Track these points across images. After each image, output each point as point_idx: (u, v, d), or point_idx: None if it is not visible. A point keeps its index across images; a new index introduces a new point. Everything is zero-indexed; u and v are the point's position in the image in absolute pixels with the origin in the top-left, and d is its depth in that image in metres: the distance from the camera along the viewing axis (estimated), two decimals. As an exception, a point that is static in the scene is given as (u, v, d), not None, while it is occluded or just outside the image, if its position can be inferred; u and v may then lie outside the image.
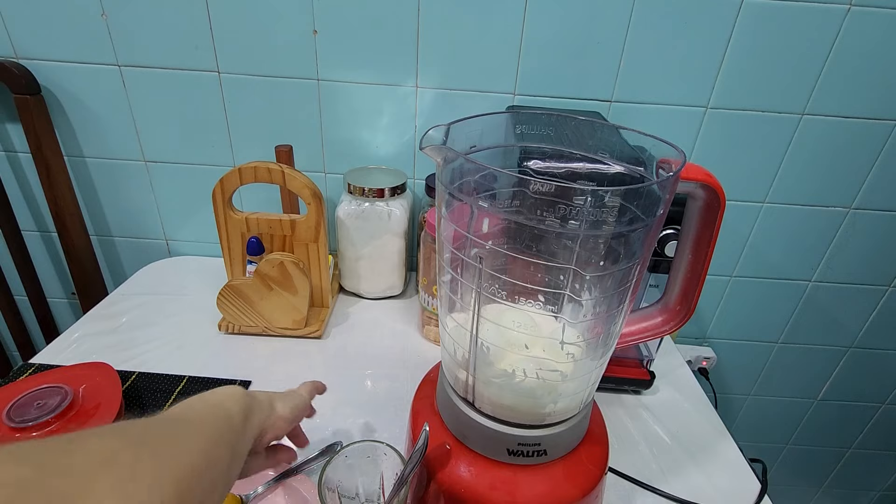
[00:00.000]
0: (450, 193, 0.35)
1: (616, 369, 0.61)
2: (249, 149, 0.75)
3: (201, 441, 0.28)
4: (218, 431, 0.30)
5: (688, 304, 0.41)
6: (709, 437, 0.58)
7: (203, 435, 0.29)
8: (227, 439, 0.31)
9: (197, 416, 0.31)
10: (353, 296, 0.77)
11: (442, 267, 0.39)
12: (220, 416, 0.32)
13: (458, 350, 0.38)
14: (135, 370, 0.59)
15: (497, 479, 0.37)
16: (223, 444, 0.30)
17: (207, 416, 0.31)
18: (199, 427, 0.29)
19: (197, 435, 0.28)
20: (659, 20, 0.65)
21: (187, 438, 0.27)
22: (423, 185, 0.74)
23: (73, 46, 0.68)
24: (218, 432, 0.30)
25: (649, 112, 0.71)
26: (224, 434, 0.31)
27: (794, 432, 1.04)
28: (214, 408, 0.33)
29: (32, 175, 0.75)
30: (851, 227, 0.79)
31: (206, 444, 0.28)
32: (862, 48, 0.66)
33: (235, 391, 0.36)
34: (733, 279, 0.85)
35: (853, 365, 0.93)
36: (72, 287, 0.87)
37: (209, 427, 0.30)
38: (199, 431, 0.29)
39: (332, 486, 0.39)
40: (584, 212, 0.30)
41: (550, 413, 0.37)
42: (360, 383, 0.61)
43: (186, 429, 0.28)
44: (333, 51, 0.68)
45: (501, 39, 0.67)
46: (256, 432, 0.36)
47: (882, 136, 0.72)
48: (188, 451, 0.26)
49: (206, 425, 0.30)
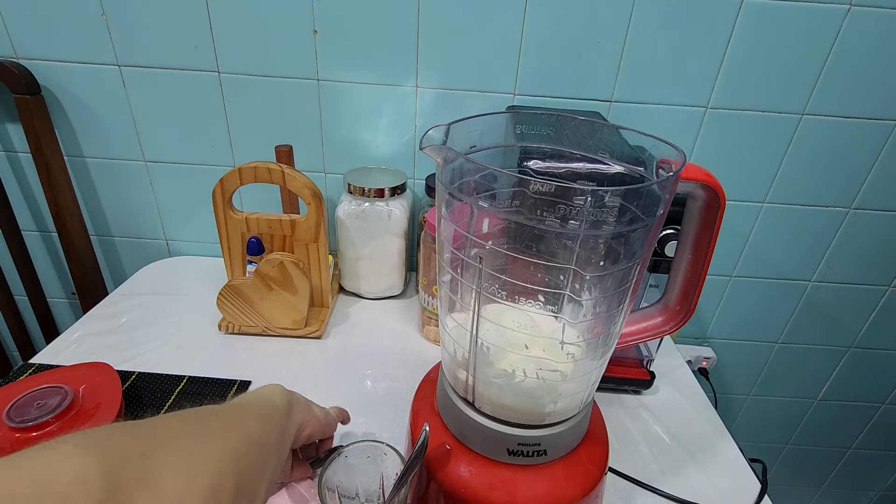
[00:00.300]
0: (450, 193, 0.35)
1: (616, 369, 0.61)
2: (249, 149, 0.75)
3: (254, 418, 0.32)
4: (267, 411, 0.35)
5: (688, 304, 0.41)
6: (709, 437, 0.58)
7: (255, 412, 0.33)
8: (276, 419, 0.35)
9: (247, 400, 0.36)
10: (353, 296, 0.77)
11: (442, 267, 0.39)
12: (267, 402, 0.37)
13: (458, 350, 0.38)
14: (135, 370, 0.59)
15: (497, 479, 0.37)
16: (272, 423, 0.34)
17: (255, 401, 0.36)
18: (251, 408, 0.34)
19: (250, 413, 0.33)
20: (659, 20, 0.65)
21: (242, 416, 0.32)
22: (423, 185, 0.74)
23: (73, 46, 0.68)
24: (267, 411, 0.35)
25: (649, 112, 0.71)
26: (272, 415, 0.35)
27: (794, 432, 1.04)
28: (261, 396, 0.38)
29: (32, 175, 0.75)
30: (851, 227, 0.79)
31: (257, 420, 0.32)
32: (862, 48, 0.66)
33: (277, 386, 0.40)
34: (733, 279, 0.85)
35: (853, 365, 0.93)
36: (72, 287, 0.87)
37: (259, 408, 0.35)
38: (252, 410, 0.34)
39: (332, 486, 0.39)
40: (584, 212, 0.30)
41: (550, 413, 0.37)
42: (360, 383, 0.61)
43: (240, 409, 0.33)
44: (333, 51, 0.68)
45: (501, 39, 0.67)
46: (298, 422, 0.39)
47: (882, 136, 0.72)
48: (244, 424, 0.31)
49: (256, 407, 0.35)
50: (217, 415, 0.31)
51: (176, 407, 0.55)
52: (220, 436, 0.28)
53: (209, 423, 0.29)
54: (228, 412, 0.32)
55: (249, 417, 0.32)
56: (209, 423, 0.29)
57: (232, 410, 0.33)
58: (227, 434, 0.28)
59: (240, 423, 0.31)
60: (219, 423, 0.30)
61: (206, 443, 0.26)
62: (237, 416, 0.32)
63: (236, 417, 0.32)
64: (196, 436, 0.27)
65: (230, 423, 0.30)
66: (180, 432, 0.27)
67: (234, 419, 0.31)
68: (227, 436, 0.28)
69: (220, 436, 0.28)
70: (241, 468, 0.27)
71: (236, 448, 0.28)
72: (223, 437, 0.28)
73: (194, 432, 0.27)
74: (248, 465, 0.28)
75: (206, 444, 0.26)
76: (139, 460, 0.22)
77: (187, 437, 0.26)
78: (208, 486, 0.24)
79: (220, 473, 0.25)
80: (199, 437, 0.27)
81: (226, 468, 0.26)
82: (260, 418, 0.33)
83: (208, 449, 0.26)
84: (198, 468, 0.24)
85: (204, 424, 0.29)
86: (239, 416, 0.32)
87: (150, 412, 0.54)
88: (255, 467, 0.29)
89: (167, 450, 0.24)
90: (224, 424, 0.30)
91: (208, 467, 0.25)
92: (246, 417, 0.32)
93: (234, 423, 0.30)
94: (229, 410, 0.33)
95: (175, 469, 0.23)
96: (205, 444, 0.26)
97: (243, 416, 0.32)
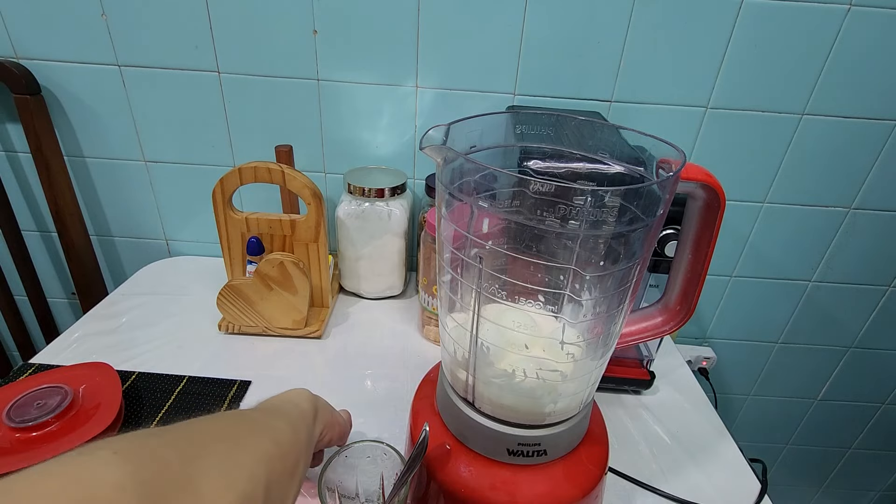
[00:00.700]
0: (450, 193, 0.35)
1: (616, 369, 0.61)
2: (249, 149, 0.75)
3: (284, 423, 0.32)
4: (295, 415, 0.35)
5: (688, 304, 0.41)
6: (709, 437, 0.58)
7: (284, 417, 0.33)
8: (304, 424, 0.36)
9: (275, 405, 0.36)
10: (353, 296, 0.77)
11: (442, 267, 0.39)
12: (295, 406, 0.37)
13: (458, 350, 0.38)
14: (135, 370, 0.59)
15: (497, 479, 0.37)
16: (301, 428, 0.34)
17: (283, 405, 0.36)
18: (280, 412, 0.34)
19: (281, 418, 0.33)
20: (659, 20, 0.65)
21: (272, 421, 0.32)
22: (423, 185, 0.74)
23: (73, 46, 0.68)
24: (296, 416, 0.35)
25: (649, 112, 0.71)
26: (300, 420, 0.35)
27: (794, 432, 1.04)
28: (289, 400, 0.38)
29: (32, 175, 0.75)
30: (851, 227, 0.79)
31: (288, 425, 0.32)
32: (862, 48, 0.66)
33: (304, 391, 0.40)
34: (733, 279, 0.85)
35: (853, 365, 0.93)
36: (72, 287, 0.87)
37: (288, 412, 0.35)
38: (281, 415, 0.34)
39: (332, 486, 0.39)
40: (584, 212, 0.30)
41: (550, 413, 0.37)
42: (360, 383, 0.61)
43: (270, 414, 0.34)
44: (333, 51, 0.68)
45: (501, 39, 0.67)
46: (322, 426, 0.39)
47: (882, 136, 0.72)
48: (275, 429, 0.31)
49: (285, 411, 0.35)
50: (248, 420, 0.31)
51: (176, 407, 0.55)
52: (254, 441, 0.28)
53: (242, 429, 0.29)
54: (259, 416, 0.32)
55: (280, 422, 0.32)
56: (242, 429, 0.29)
57: (262, 415, 0.33)
58: (259, 440, 0.28)
59: (271, 429, 0.31)
60: (251, 429, 0.30)
61: (240, 449, 0.26)
62: (268, 421, 0.32)
63: (268, 422, 0.31)
64: (230, 441, 0.27)
65: (262, 428, 0.30)
66: (216, 438, 0.26)
67: (266, 424, 0.31)
68: (260, 441, 0.28)
69: (254, 441, 0.28)
70: (273, 473, 0.27)
71: (269, 453, 0.28)
72: (256, 442, 0.28)
73: (229, 438, 0.27)
74: (281, 470, 0.28)
75: (240, 449, 0.26)
76: (178, 467, 0.22)
77: (222, 442, 0.26)
78: (243, 493, 0.24)
79: (254, 479, 0.25)
80: (234, 443, 0.27)
81: (259, 474, 0.26)
82: (290, 423, 0.33)
83: (243, 454, 0.26)
84: (234, 474, 0.24)
85: (237, 429, 0.29)
86: (270, 421, 0.32)
87: (151, 412, 0.54)
88: (287, 472, 0.29)
89: (204, 456, 0.24)
90: (256, 429, 0.30)
91: (244, 474, 0.25)
92: (277, 422, 0.32)
93: (265, 429, 0.30)
94: (260, 415, 0.33)
95: (212, 476, 0.23)
96: (239, 450, 0.26)
97: (274, 421, 0.32)
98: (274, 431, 0.30)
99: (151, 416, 0.54)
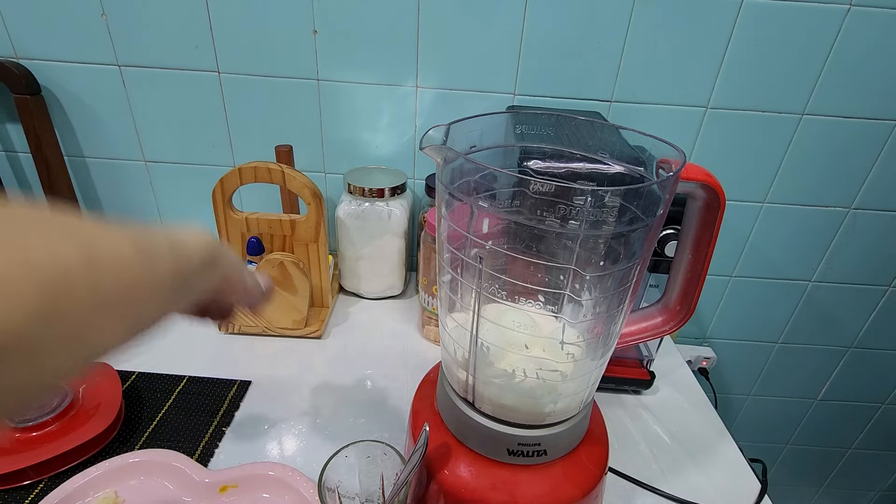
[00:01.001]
0: (450, 193, 0.35)
1: (616, 369, 0.61)
2: (249, 149, 0.75)
3: (134, 251, 0.23)
4: (163, 254, 0.25)
5: (688, 304, 0.41)
6: (709, 437, 0.58)
7: (144, 248, 0.24)
8: (177, 268, 0.26)
9: (163, 239, 0.26)
10: (353, 296, 0.77)
11: (442, 267, 0.39)
12: (181, 248, 0.27)
13: (458, 350, 0.38)
14: (135, 370, 0.59)
15: (497, 479, 0.37)
16: (163, 269, 0.25)
17: (169, 242, 0.27)
18: (154, 242, 0.25)
19: (145, 248, 0.24)
20: (659, 20, 0.65)
21: (123, 241, 0.23)
22: (423, 185, 0.74)
23: (73, 46, 0.68)
24: (164, 254, 0.25)
25: (649, 112, 0.71)
26: (172, 262, 0.26)
27: (794, 432, 1.04)
28: (181, 243, 0.28)
29: (32, 175, 0.75)
30: (851, 227, 0.79)
31: (139, 255, 0.23)
32: (862, 48, 0.66)
33: (205, 237, 0.30)
34: (733, 279, 0.85)
35: (853, 365, 0.93)
36: (72, 287, 0.87)
37: (160, 250, 0.25)
38: (149, 246, 0.24)
39: (332, 486, 0.39)
40: (584, 212, 0.30)
41: (550, 413, 0.37)
42: (360, 383, 0.61)
43: (144, 239, 0.24)
44: (333, 51, 0.68)
45: (501, 39, 0.67)
46: (214, 285, 0.32)
47: (882, 136, 0.72)
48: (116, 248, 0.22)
49: (161, 246, 0.25)
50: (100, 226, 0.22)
51: (176, 407, 0.55)
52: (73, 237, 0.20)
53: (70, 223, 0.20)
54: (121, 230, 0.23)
55: (128, 247, 0.23)
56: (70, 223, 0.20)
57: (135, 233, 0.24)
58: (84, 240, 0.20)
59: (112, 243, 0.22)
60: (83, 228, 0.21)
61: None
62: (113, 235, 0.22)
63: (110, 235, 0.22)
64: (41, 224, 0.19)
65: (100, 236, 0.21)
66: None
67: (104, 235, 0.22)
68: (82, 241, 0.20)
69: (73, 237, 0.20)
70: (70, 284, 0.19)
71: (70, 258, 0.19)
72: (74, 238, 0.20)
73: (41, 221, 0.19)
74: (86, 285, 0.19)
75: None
76: None
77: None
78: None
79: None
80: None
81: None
82: (144, 257, 0.23)
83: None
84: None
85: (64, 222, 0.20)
86: (118, 239, 0.22)
87: (151, 412, 0.54)
88: (100, 290, 0.20)
89: None
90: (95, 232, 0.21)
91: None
92: (125, 246, 0.22)
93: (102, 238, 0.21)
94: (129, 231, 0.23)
95: None
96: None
97: (124, 243, 0.22)
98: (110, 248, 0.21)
99: (151, 416, 0.54)
